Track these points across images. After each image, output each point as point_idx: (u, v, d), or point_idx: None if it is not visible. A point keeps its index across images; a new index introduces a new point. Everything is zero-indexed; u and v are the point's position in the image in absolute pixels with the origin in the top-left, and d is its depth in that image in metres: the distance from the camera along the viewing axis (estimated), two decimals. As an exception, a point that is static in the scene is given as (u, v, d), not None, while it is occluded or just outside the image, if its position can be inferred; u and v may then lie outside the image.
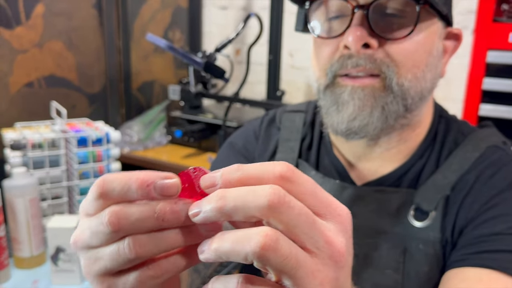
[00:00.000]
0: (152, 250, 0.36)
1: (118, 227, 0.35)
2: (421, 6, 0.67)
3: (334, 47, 0.72)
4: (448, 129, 0.79)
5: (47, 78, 1.82)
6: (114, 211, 0.36)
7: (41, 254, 1.17)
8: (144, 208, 0.36)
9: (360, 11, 0.68)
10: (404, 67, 0.69)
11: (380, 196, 0.77)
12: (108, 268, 0.37)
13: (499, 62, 1.44)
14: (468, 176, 0.74)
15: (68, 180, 1.32)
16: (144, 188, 0.35)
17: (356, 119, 0.70)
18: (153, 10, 2.25)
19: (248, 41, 2.29)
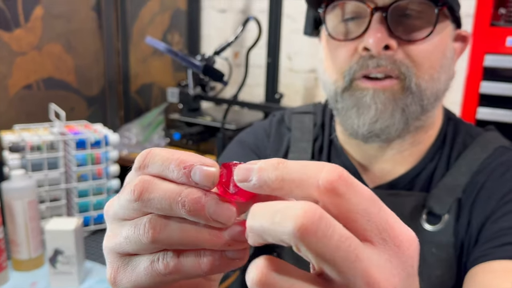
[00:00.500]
0: (167, 237, 0.33)
1: (140, 196, 0.33)
2: (439, 8, 0.68)
3: (351, 49, 0.72)
4: (457, 131, 0.80)
5: (46, 81, 1.82)
6: (143, 179, 0.33)
7: (39, 257, 1.17)
8: (171, 187, 0.32)
9: (379, 13, 0.68)
10: (422, 68, 0.70)
11: (394, 200, 0.77)
12: (122, 246, 0.35)
13: (497, 66, 1.45)
14: (479, 177, 0.74)
15: (67, 182, 1.32)
16: (181, 169, 0.32)
17: (378, 121, 0.71)
18: (152, 13, 2.25)
19: (247, 44, 2.30)
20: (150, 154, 0.34)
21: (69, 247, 1.07)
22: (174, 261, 0.33)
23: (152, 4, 2.24)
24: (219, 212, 0.32)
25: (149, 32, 2.24)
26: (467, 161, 0.76)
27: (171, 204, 0.32)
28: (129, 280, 0.35)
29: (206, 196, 0.32)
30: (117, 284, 0.36)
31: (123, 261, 0.36)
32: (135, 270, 0.35)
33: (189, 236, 0.33)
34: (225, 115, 1.74)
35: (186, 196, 0.32)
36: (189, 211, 0.32)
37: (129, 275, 0.35)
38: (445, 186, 0.75)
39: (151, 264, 0.34)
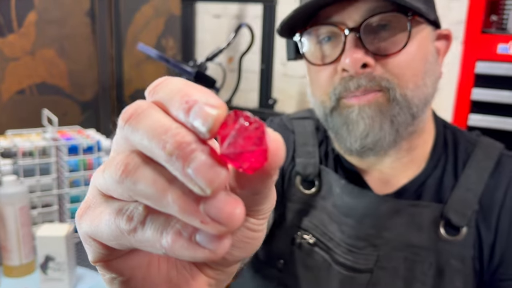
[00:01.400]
0: (135, 181, 0.27)
1: (129, 119, 0.28)
2: (410, 18, 0.69)
3: (332, 71, 0.72)
4: (457, 139, 0.81)
5: (39, 86, 1.82)
6: (139, 103, 0.29)
7: (31, 263, 1.16)
8: (163, 121, 0.27)
9: (352, 33, 0.69)
10: (404, 78, 0.70)
11: (413, 210, 0.77)
12: (101, 181, 0.30)
13: (488, 72, 1.45)
14: (495, 192, 0.75)
15: (59, 188, 1.32)
16: (183, 103, 0.27)
17: (369, 136, 0.71)
18: (146, 18, 2.25)
19: (241, 49, 2.30)
20: (165, 81, 0.29)
21: (60, 254, 1.06)
22: (139, 218, 0.28)
23: (146, 9, 2.24)
24: (202, 171, 0.25)
25: (143, 37, 2.25)
26: (475, 170, 0.77)
27: (152, 139, 0.26)
28: (90, 223, 0.31)
29: (196, 144, 0.25)
30: (80, 221, 0.31)
31: (98, 200, 0.31)
32: (101, 215, 0.30)
33: (158, 189, 0.26)
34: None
35: (172, 136, 0.26)
36: (168, 155, 0.25)
37: (93, 218, 0.31)
38: (459, 197, 0.75)
39: (117, 212, 0.29)
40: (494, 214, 0.74)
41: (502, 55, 1.43)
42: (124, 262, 0.33)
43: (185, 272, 0.36)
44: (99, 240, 0.31)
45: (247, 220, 0.32)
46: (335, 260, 0.79)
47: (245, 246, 0.33)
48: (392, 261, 0.76)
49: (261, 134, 0.26)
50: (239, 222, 0.26)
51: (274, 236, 0.86)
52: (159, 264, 0.35)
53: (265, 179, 0.28)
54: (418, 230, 0.76)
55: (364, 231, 0.78)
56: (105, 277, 0.34)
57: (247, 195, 0.29)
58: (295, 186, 0.85)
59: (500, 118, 1.44)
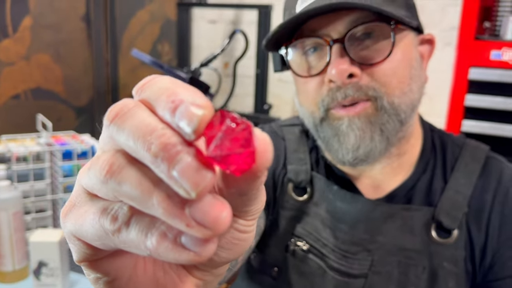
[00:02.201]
0: (120, 181, 0.27)
1: (111, 119, 0.28)
2: (393, 27, 0.69)
3: (319, 82, 0.73)
4: (444, 142, 0.82)
5: (34, 91, 1.82)
6: (125, 101, 0.28)
7: (24, 268, 1.16)
8: (149, 120, 0.26)
9: (336, 44, 0.69)
10: (390, 86, 0.70)
11: (405, 214, 0.78)
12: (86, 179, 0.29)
13: (481, 79, 1.46)
14: (484, 195, 0.76)
15: (53, 193, 1.32)
16: (169, 102, 0.26)
17: (360, 147, 0.72)
18: (142, 23, 2.26)
19: (236, 54, 2.31)
20: (152, 80, 0.29)
21: (54, 259, 1.06)
22: (123, 219, 0.27)
23: (142, 14, 2.25)
24: (187, 174, 0.24)
25: (139, 42, 2.25)
26: (463, 172, 0.78)
27: (137, 140, 0.26)
28: (75, 222, 0.30)
29: (181, 146, 0.25)
30: (65, 220, 0.31)
31: (83, 199, 0.30)
32: (85, 214, 0.29)
33: (143, 191, 0.26)
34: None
35: (157, 137, 0.25)
36: (153, 157, 0.25)
37: (77, 216, 0.30)
38: (449, 200, 0.76)
39: (101, 212, 0.28)
40: (484, 216, 0.75)
41: (495, 61, 1.44)
42: (109, 262, 0.32)
43: (172, 273, 0.35)
44: (83, 240, 0.30)
45: (235, 221, 0.32)
46: (330, 266, 0.79)
47: (234, 248, 0.33)
48: (386, 266, 0.77)
49: (248, 135, 0.25)
50: (225, 226, 0.25)
51: (267, 244, 0.86)
52: (145, 265, 0.35)
53: (253, 180, 0.27)
54: (411, 234, 0.77)
55: (358, 236, 0.79)
56: (90, 277, 0.33)
57: (235, 196, 0.29)
58: (287, 193, 0.86)
59: (494, 123, 1.45)
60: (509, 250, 0.74)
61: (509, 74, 1.42)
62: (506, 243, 0.74)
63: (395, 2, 0.71)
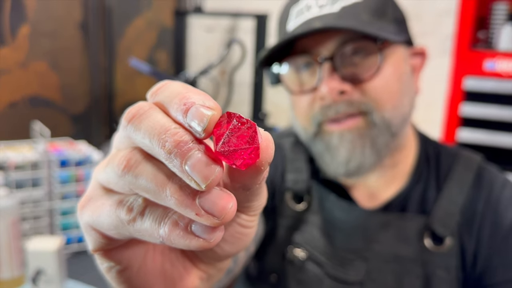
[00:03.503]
0: (136, 175, 0.30)
1: (132, 119, 0.30)
2: (380, 45, 0.71)
3: (311, 98, 0.75)
4: (439, 153, 0.83)
5: (31, 98, 1.82)
6: (138, 105, 0.31)
7: (21, 276, 1.16)
8: (163, 120, 0.29)
9: (327, 62, 0.71)
10: (381, 101, 0.72)
11: (399, 223, 0.79)
12: (103, 175, 0.32)
13: (476, 88, 1.48)
14: (476, 204, 0.78)
15: (50, 201, 1.32)
16: (181, 104, 0.29)
17: (351, 161, 0.73)
18: (138, 31, 2.27)
19: (233, 63, 2.32)
20: (165, 85, 0.31)
21: (51, 267, 1.06)
22: (138, 209, 0.30)
23: (139, 22, 2.26)
24: (198, 168, 0.27)
25: (136, 50, 2.26)
26: (456, 182, 0.79)
27: (153, 138, 0.28)
28: (91, 214, 0.33)
29: (193, 143, 0.28)
30: (82, 212, 0.34)
31: (99, 193, 0.34)
32: (102, 206, 0.32)
33: (158, 183, 0.29)
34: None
35: (171, 135, 0.28)
36: (167, 153, 0.28)
37: (94, 208, 0.33)
38: (443, 209, 0.78)
39: (117, 204, 0.31)
40: (475, 225, 0.77)
41: (490, 72, 1.46)
42: (122, 252, 0.35)
43: (178, 265, 0.38)
44: (99, 230, 0.33)
45: (238, 216, 0.34)
46: (327, 273, 0.80)
47: (236, 242, 0.36)
48: (381, 273, 0.78)
49: (253, 133, 0.28)
50: (231, 215, 0.28)
51: (265, 252, 0.87)
52: (154, 256, 0.37)
53: (256, 175, 0.30)
54: (405, 242, 0.78)
55: (354, 244, 0.80)
56: (103, 266, 0.36)
57: (239, 192, 0.31)
58: (285, 202, 0.87)
59: (489, 133, 1.47)
60: (499, 257, 0.75)
61: (502, 84, 1.44)
62: (497, 250, 0.75)
63: (384, 17, 0.73)
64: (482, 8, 1.59)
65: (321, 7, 0.71)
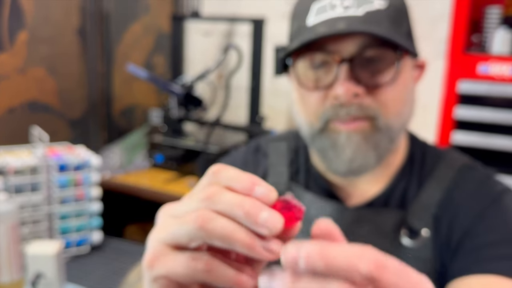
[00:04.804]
0: (213, 228, 0.37)
1: (208, 199, 0.39)
2: (399, 55, 0.74)
3: (322, 96, 0.76)
4: (425, 153, 0.86)
5: (29, 104, 1.83)
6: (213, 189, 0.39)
7: (20, 279, 1.17)
8: (236, 199, 0.38)
9: (345, 63, 0.72)
10: (389, 108, 0.75)
11: (375, 218, 0.81)
12: (174, 235, 0.39)
13: (469, 92, 1.50)
14: (452, 195, 0.80)
15: (49, 205, 1.33)
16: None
17: (355, 161, 0.76)
18: (136, 36, 2.28)
19: (230, 66, 2.33)
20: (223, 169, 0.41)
21: (51, 271, 1.07)
22: (209, 262, 0.39)
23: (136, 27, 2.27)
24: (270, 219, 0.37)
25: (133, 55, 2.27)
26: (437, 179, 0.81)
27: (234, 207, 0.38)
28: (166, 267, 0.40)
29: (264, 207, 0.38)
30: (153, 268, 0.40)
31: (167, 251, 0.40)
32: (176, 260, 0.39)
33: (229, 232, 0.37)
34: (207, 138, 1.76)
35: (249, 205, 0.38)
36: (246, 214, 0.37)
37: (167, 263, 0.40)
38: (420, 203, 0.80)
39: (192, 258, 0.39)
40: (451, 216, 0.78)
41: (483, 75, 1.47)
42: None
43: None
44: (174, 279, 0.40)
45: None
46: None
47: None
48: None
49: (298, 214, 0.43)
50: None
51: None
52: None
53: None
54: (382, 237, 0.80)
55: None
56: None
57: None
58: None
59: (483, 135, 1.48)
60: (472, 243, 0.75)
61: (496, 87, 1.46)
62: (471, 238, 0.76)
63: (401, 28, 0.76)
64: (475, 12, 1.61)
65: (346, 8, 0.73)
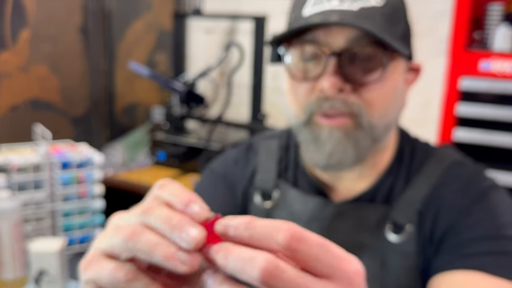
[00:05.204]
0: (141, 244, 0.40)
1: (143, 213, 0.41)
2: (389, 55, 0.73)
3: (310, 87, 0.76)
4: (414, 150, 0.86)
5: (32, 102, 1.84)
6: (155, 195, 0.43)
7: (24, 277, 1.18)
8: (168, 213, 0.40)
9: (334, 57, 0.73)
10: (373, 107, 0.75)
11: (359, 213, 0.82)
12: (107, 247, 0.42)
13: (471, 89, 1.50)
14: (438, 191, 0.80)
15: (52, 203, 1.34)
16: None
17: (334, 156, 0.76)
18: (138, 34, 2.29)
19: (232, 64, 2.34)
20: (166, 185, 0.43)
21: (54, 268, 1.08)
22: (132, 273, 0.41)
23: (138, 25, 2.28)
24: (191, 233, 0.39)
25: (135, 52, 2.28)
26: (424, 175, 0.82)
27: (162, 222, 0.40)
28: (93, 272, 0.42)
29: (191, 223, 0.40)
30: (85, 271, 0.43)
31: (100, 258, 0.42)
32: (103, 267, 0.42)
33: (151, 245, 0.39)
34: (209, 136, 1.76)
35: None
36: (172, 228, 0.39)
37: (96, 269, 0.42)
38: (406, 198, 0.80)
39: (115, 268, 0.41)
40: (435, 211, 0.78)
41: (485, 72, 1.47)
42: None
43: None
44: (99, 285, 0.42)
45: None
46: None
47: None
48: None
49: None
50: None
51: None
52: None
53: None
54: (365, 231, 0.80)
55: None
56: None
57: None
58: (254, 202, 0.91)
59: (484, 132, 1.48)
60: (456, 239, 0.76)
61: (497, 84, 1.46)
62: (455, 234, 0.76)
63: (396, 27, 0.75)
64: (477, 9, 1.61)
65: (341, 1, 0.73)
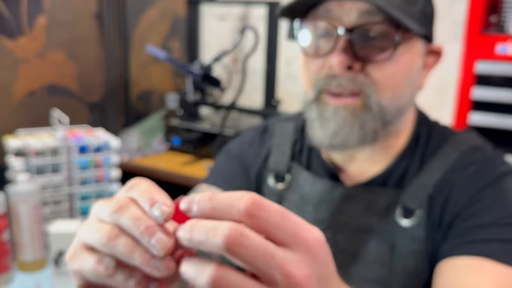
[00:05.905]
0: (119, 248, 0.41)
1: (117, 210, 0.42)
2: (400, 33, 0.72)
3: (321, 64, 0.76)
4: (430, 133, 0.84)
5: (49, 87, 1.86)
6: (119, 200, 0.44)
7: (43, 258, 1.21)
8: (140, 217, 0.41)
9: (344, 35, 0.72)
10: (383, 87, 0.74)
11: (368, 196, 0.82)
12: (89, 240, 0.43)
13: (487, 72, 1.48)
14: (450, 175, 0.79)
15: (69, 186, 1.36)
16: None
17: (338, 136, 0.76)
18: (152, 20, 2.29)
19: (245, 50, 2.34)
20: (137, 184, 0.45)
21: (72, 249, 1.10)
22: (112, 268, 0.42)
23: (152, 11, 2.29)
24: (159, 242, 0.40)
25: (150, 39, 2.29)
26: (439, 160, 0.80)
27: (132, 227, 0.41)
28: (77, 264, 0.44)
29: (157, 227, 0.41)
30: (70, 262, 0.44)
31: (82, 249, 0.44)
32: (85, 260, 0.43)
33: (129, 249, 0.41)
34: (223, 122, 1.77)
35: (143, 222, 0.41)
36: (141, 234, 0.41)
37: (79, 262, 0.44)
38: (418, 183, 0.79)
39: (96, 261, 0.42)
40: (446, 196, 0.77)
41: (501, 55, 1.46)
42: None
43: None
44: (83, 276, 0.44)
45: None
46: None
47: None
48: (350, 244, 0.80)
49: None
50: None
51: None
52: None
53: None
54: (375, 215, 0.80)
55: (320, 215, 0.84)
56: None
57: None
58: (267, 183, 0.92)
59: (500, 116, 1.47)
60: (464, 224, 0.75)
61: (514, 67, 1.45)
62: (463, 219, 0.75)
63: (413, 6, 0.74)
64: (494, -8, 1.59)
65: None
